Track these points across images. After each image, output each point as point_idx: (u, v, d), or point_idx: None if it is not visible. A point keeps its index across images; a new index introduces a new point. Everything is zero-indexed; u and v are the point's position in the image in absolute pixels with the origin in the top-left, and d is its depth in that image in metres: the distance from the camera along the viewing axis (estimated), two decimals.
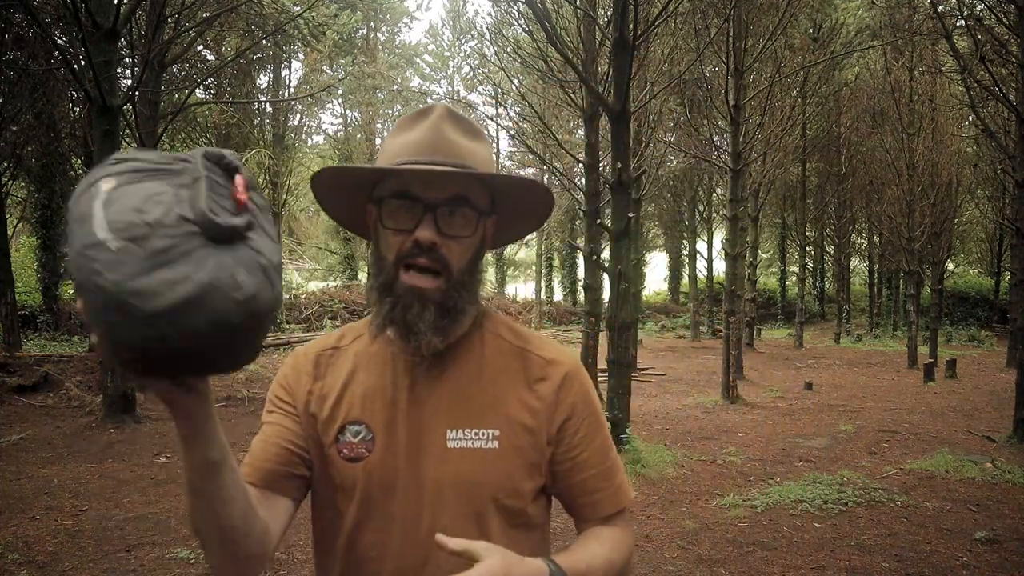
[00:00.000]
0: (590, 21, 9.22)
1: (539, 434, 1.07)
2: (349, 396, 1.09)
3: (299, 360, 1.16)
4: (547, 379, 1.09)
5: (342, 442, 1.06)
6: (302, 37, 18.39)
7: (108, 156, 0.80)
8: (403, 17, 33.81)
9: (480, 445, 1.04)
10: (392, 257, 1.03)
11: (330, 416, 1.09)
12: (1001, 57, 9.15)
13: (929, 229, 14.76)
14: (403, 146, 1.04)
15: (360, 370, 1.11)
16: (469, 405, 1.06)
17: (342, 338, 1.19)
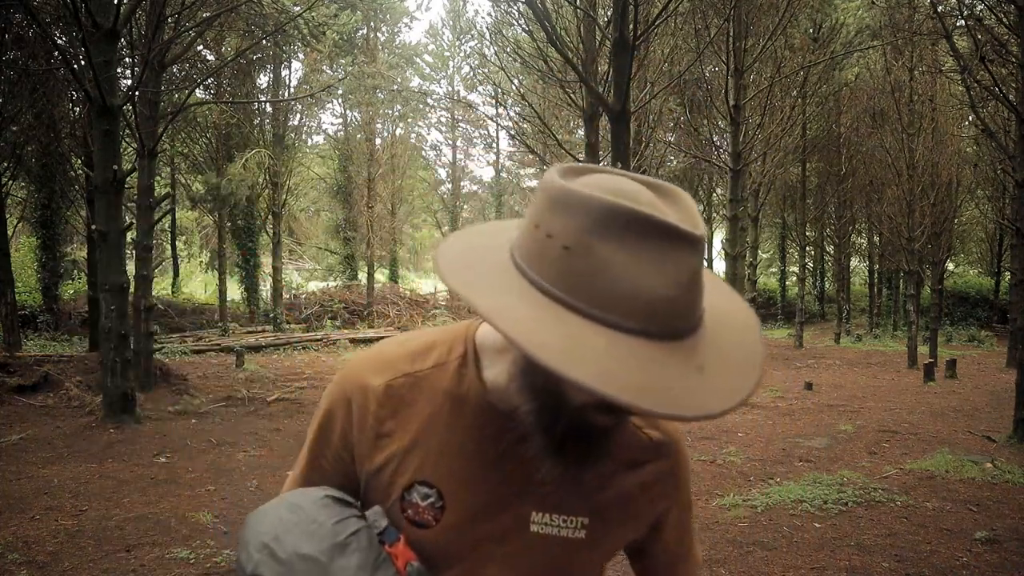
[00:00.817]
0: (590, 21, 9.23)
1: (628, 527, 0.94)
2: (423, 448, 0.89)
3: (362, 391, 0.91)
4: (651, 463, 0.93)
5: (408, 501, 0.89)
6: (302, 37, 18.38)
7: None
8: (403, 17, 33.80)
9: (566, 534, 0.89)
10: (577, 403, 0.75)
11: (398, 469, 0.89)
12: (1001, 57, 9.15)
13: (929, 229, 14.76)
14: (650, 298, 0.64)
15: (439, 416, 0.89)
16: (561, 485, 0.87)
17: (420, 359, 0.92)
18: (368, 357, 0.95)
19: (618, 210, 0.64)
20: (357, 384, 0.92)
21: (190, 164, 20.87)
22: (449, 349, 0.92)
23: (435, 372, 0.91)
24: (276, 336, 18.73)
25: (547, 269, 0.66)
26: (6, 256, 13.37)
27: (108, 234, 7.66)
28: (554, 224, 0.67)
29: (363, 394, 0.91)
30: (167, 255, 27.38)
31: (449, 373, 0.90)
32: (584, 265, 0.64)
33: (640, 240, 0.63)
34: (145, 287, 9.80)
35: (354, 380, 0.93)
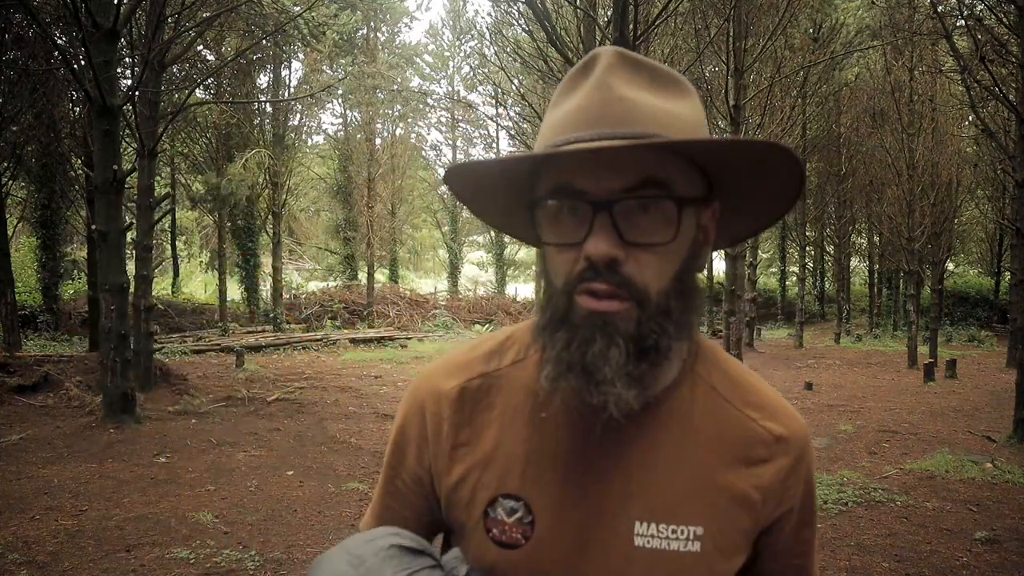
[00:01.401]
0: (590, 21, 9.22)
1: (751, 533, 0.80)
2: (505, 456, 0.79)
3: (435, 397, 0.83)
4: (771, 461, 0.80)
5: (492, 518, 0.78)
6: (302, 37, 18.38)
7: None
8: (403, 17, 33.81)
9: (678, 547, 0.76)
10: (560, 283, 0.73)
11: (479, 482, 0.79)
12: (1001, 57, 9.15)
13: (929, 229, 14.76)
14: (561, 119, 0.73)
15: (521, 418, 0.80)
16: (669, 490, 0.77)
17: (496, 356, 0.84)
18: (440, 362, 0.87)
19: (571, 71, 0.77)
20: (429, 391, 0.84)
21: (190, 164, 20.88)
22: (526, 344, 0.83)
23: (513, 370, 0.82)
24: (276, 336, 18.73)
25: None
26: (6, 256, 13.37)
27: (108, 234, 7.66)
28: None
29: (436, 401, 0.83)
30: (167, 255, 27.39)
31: (529, 369, 0.80)
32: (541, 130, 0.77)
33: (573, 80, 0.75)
34: (145, 287, 9.80)
35: (426, 387, 0.85)
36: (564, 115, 0.72)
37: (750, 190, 0.79)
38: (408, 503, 0.87)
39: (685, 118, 0.74)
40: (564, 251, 0.72)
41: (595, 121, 0.70)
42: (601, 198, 0.69)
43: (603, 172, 0.69)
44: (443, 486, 0.82)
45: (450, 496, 0.82)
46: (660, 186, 0.70)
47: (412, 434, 0.85)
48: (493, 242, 33.45)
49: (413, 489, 0.86)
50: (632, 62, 0.73)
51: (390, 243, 27.13)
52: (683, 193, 0.72)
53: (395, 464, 0.88)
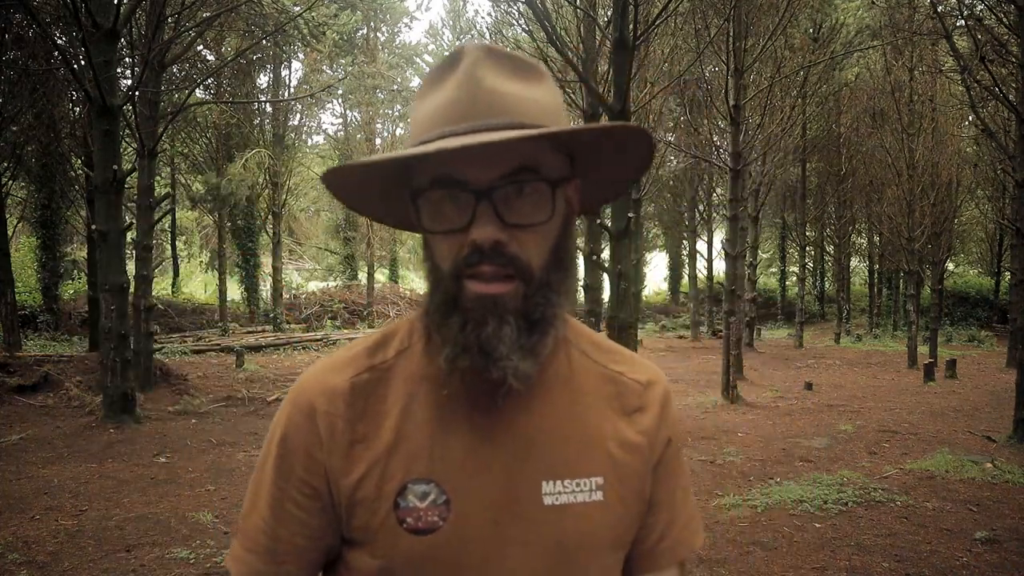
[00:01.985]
0: (590, 21, 9.23)
1: (644, 478, 0.86)
2: (408, 443, 0.79)
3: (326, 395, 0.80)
4: (646, 408, 0.87)
5: (404, 508, 0.77)
6: (302, 37, 18.39)
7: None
8: (403, 17, 33.80)
9: (584, 499, 0.80)
10: (448, 267, 0.76)
11: (384, 474, 0.78)
12: (1001, 57, 9.15)
13: (929, 229, 14.77)
14: (432, 113, 0.76)
15: (417, 404, 0.80)
16: (567, 448, 0.81)
17: (381, 350, 0.84)
18: (322, 363, 0.84)
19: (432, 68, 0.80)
20: (318, 390, 0.81)
21: (190, 164, 20.89)
22: (409, 333, 0.85)
23: (400, 360, 0.83)
24: (276, 336, 18.73)
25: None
26: (6, 256, 13.37)
27: (108, 234, 7.66)
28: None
29: (327, 398, 0.80)
30: (167, 255, 27.39)
31: (416, 356, 0.82)
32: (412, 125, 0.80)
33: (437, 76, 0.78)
34: (145, 287, 9.80)
35: (313, 387, 0.81)
36: (436, 108, 0.76)
37: (609, 164, 0.86)
38: (303, 526, 0.81)
39: (546, 103, 0.79)
40: (449, 237, 0.76)
41: (467, 114, 0.74)
42: (481, 186, 0.73)
43: (480, 162, 0.74)
44: (343, 488, 0.78)
45: (353, 497, 0.78)
46: (533, 171, 0.75)
47: (299, 441, 0.80)
48: None
49: (308, 506, 0.80)
50: (496, 53, 0.78)
51: (390, 243, 27.13)
52: (553, 175, 0.77)
53: (281, 483, 0.81)
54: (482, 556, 0.78)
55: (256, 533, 0.82)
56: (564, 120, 0.82)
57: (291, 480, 0.80)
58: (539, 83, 0.79)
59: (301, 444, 0.80)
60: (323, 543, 0.82)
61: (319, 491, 0.80)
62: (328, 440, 0.79)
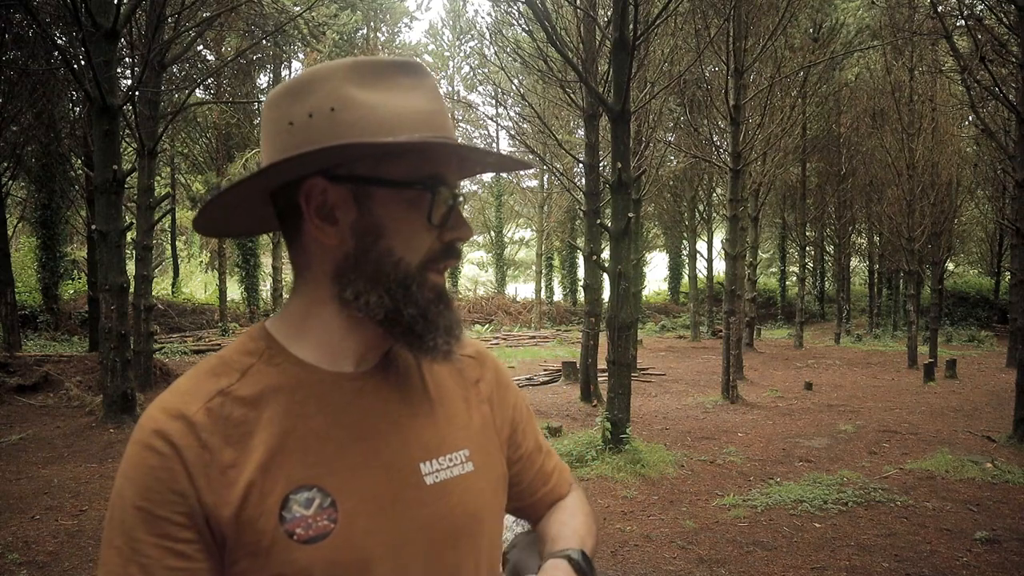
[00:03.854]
0: (590, 21, 9.23)
1: (499, 443, 0.94)
2: (282, 456, 0.75)
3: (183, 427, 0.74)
4: (482, 379, 0.96)
5: (291, 520, 0.73)
6: (302, 37, 18.40)
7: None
8: (403, 17, 33.82)
9: (459, 472, 0.84)
10: (417, 260, 0.80)
11: (263, 491, 0.74)
12: (1001, 57, 9.15)
13: (929, 229, 14.77)
14: (410, 115, 0.78)
15: (281, 413, 0.77)
16: (434, 427, 0.85)
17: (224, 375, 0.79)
18: (163, 400, 0.77)
19: (362, 63, 0.79)
20: (172, 427, 0.74)
21: (190, 164, 20.89)
22: (247, 353, 0.81)
23: (246, 380, 0.79)
24: None
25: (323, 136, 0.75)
26: (6, 256, 13.38)
27: (108, 234, 7.66)
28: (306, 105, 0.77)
29: (187, 431, 0.73)
30: (167, 255, 27.39)
31: (263, 373, 0.79)
32: (354, 113, 0.76)
33: (389, 79, 0.79)
34: (145, 287, 9.80)
35: (164, 426, 0.74)
36: (414, 112, 0.79)
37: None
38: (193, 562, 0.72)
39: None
40: (428, 231, 0.81)
41: (445, 126, 0.81)
42: (457, 190, 0.82)
43: (462, 171, 0.86)
44: (224, 519, 0.72)
45: (236, 525, 0.73)
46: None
47: (164, 486, 0.72)
48: (493, 242, 33.46)
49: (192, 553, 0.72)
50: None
51: None
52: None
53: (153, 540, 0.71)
54: (381, 548, 0.77)
55: None
56: None
57: (166, 531, 0.72)
58: None
59: (167, 488, 0.72)
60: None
61: (200, 532, 0.73)
62: (198, 474, 0.72)
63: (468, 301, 28.51)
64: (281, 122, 0.78)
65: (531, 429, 1.03)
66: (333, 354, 0.82)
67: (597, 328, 10.25)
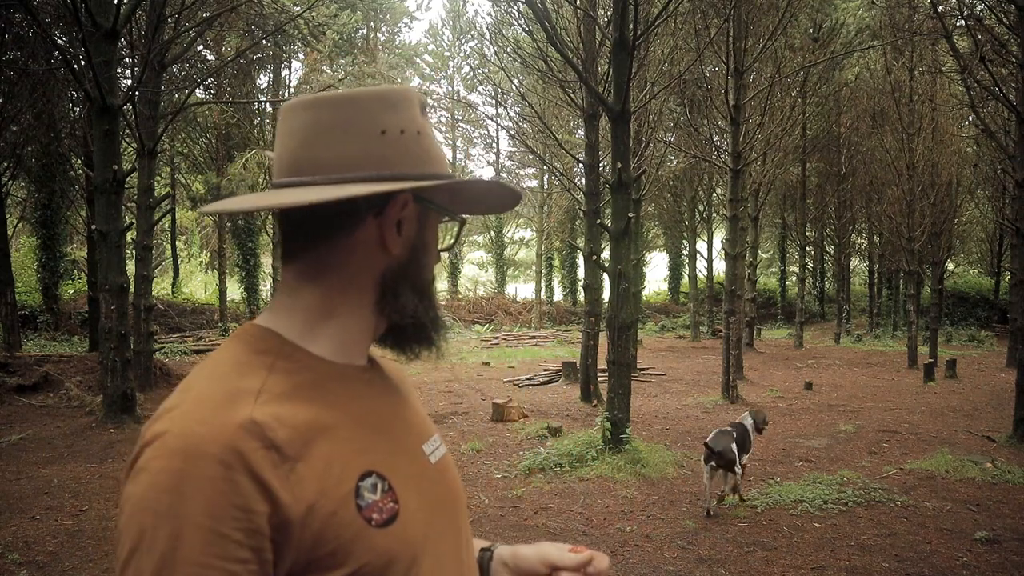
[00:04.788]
0: (590, 21, 9.23)
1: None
2: (337, 444, 0.76)
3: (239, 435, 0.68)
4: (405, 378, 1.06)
5: (366, 507, 0.75)
6: (302, 37, 18.41)
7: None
8: (403, 17, 33.83)
9: (443, 451, 0.95)
10: (430, 277, 0.93)
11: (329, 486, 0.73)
12: (1001, 57, 9.15)
13: (929, 229, 14.77)
14: (440, 155, 0.89)
15: (322, 405, 0.78)
16: (418, 416, 0.95)
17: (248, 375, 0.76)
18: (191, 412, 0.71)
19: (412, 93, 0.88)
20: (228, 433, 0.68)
21: (190, 164, 20.89)
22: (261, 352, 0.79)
23: (275, 377, 0.77)
24: None
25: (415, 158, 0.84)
26: (6, 256, 13.38)
27: (108, 234, 7.66)
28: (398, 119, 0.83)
29: (246, 434, 0.69)
30: (167, 255, 27.38)
31: (288, 370, 0.78)
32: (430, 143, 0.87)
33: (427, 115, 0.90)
34: (145, 287, 9.80)
35: (219, 434, 0.68)
36: (440, 153, 0.89)
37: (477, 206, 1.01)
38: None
39: None
40: (438, 253, 0.93)
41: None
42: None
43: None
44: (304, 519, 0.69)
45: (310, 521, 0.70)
46: None
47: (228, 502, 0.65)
48: (493, 242, 33.46)
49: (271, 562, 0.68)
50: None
51: None
52: None
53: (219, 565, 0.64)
54: (432, 523, 0.84)
55: None
56: None
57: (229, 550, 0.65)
58: None
59: (232, 504, 0.65)
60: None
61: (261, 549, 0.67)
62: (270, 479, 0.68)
63: (468, 301, 28.49)
64: (371, 126, 0.82)
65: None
66: (346, 350, 0.85)
67: (597, 328, 10.25)
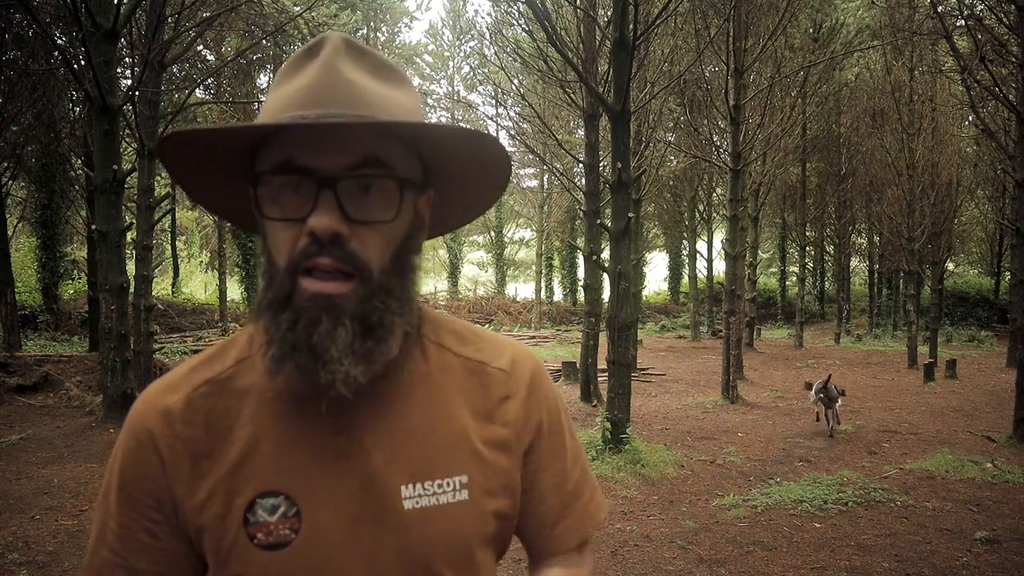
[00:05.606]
0: (590, 21, 9.23)
1: (511, 468, 0.83)
2: (255, 456, 0.75)
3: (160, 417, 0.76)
4: (511, 396, 0.85)
5: (254, 524, 0.73)
6: (302, 37, 18.39)
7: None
8: (403, 17, 33.86)
9: (447, 500, 0.78)
10: (284, 260, 0.72)
11: (231, 490, 0.74)
12: (1001, 57, 9.15)
13: (929, 229, 14.77)
14: (285, 98, 0.73)
15: (264, 414, 0.76)
16: (427, 448, 0.78)
17: (218, 361, 0.80)
18: (155, 385, 0.80)
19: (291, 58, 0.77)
20: (152, 414, 0.77)
21: None
22: (248, 341, 0.80)
23: (240, 369, 0.78)
24: None
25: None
26: (6, 256, 13.37)
27: (108, 234, 7.66)
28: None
29: (163, 420, 0.76)
30: (167, 255, 27.38)
31: (258, 365, 0.77)
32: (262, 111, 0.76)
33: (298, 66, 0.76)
34: (145, 287, 9.79)
35: (147, 411, 0.77)
36: (290, 93, 0.73)
37: (462, 181, 0.83)
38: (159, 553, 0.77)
39: (405, 104, 0.76)
40: (287, 227, 0.72)
41: (322, 101, 0.71)
42: (325, 175, 0.70)
43: (327, 150, 0.71)
44: (190, 511, 0.75)
45: (200, 519, 0.75)
46: (382, 166, 0.72)
47: (138, 470, 0.76)
48: (493, 242, 33.46)
49: (159, 532, 0.77)
50: (358, 49, 0.76)
51: None
52: (404, 174, 0.75)
53: (128, 513, 0.77)
54: (338, 567, 0.74)
55: (107, 568, 0.78)
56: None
57: (137, 509, 0.77)
58: (399, 86, 0.78)
59: (141, 473, 0.76)
60: (187, 565, 0.78)
61: (168, 516, 0.76)
62: (170, 464, 0.75)
63: (468, 301, 28.49)
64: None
65: (556, 461, 0.88)
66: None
67: (597, 328, 10.25)
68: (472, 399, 0.83)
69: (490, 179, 0.84)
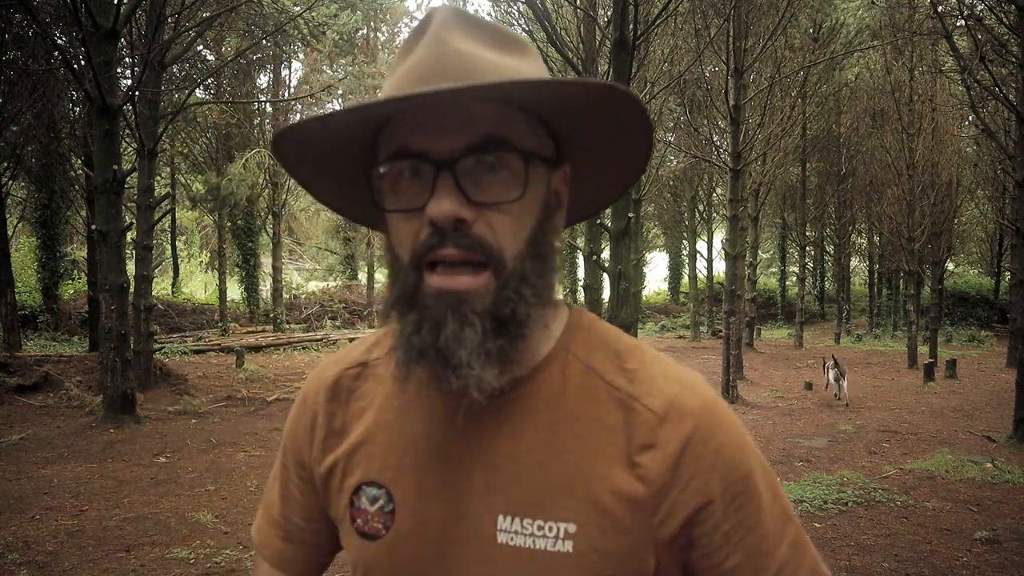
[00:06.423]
0: (590, 21, 9.23)
1: (638, 535, 0.67)
2: (372, 444, 0.75)
3: (316, 388, 0.81)
4: (657, 447, 0.67)
5: (357, 508, 0.74)
6: (302, 37, 18.40)
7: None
8: (403, 17, 33.81)
9: (545, 545, 0.66)
10: (407, 255, 0.66)
11: (345, 470, 0.76)
12: (1001, 57, 9.15)
13: (929, 229, 14.77)
14: (395, 82, 0.68)
15: (390, 405, 0.75)
16: (536, 483, 0.68)
17: (378, 346, 0.80)
18: (333, 355, 0.85)
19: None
20: (316, 379, 0.83)
21: (190, 164, 20.89)
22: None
23: (385, 360, 0.76)
24: (276, 336, 18.74)
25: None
26: (6, 256, 13.38)
27: (108, 234, 7.66)
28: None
29: (316, 391, 0.81)
30: (167, 255, 27.37)
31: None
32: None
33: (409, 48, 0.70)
34: (145, 287, 9.80)
35: (313, 378, 0.83)
36: (400, 75, 0.67)
37: (601, 151, 0.74)
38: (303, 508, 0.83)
39: (527, 73, 0.68)
40: (408, 219, 0.66)
41: (429, 77, 0.64)
42: (443, 157, 0.64)
43: (442, 130, 0.64)
44: (318, 478, 0.80)
45: (323, 489, 0.79)
46: (503, 143, 0.65)
47: (294, 429, 0.83)
48: None
49: (305, 489, 0.83)
50: (469, 19, 0.70)
51: None
52: (530, 148, 0.67)
53: (286, 465, 0.85)
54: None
55: (271, 508, 0.86)
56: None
57: (290, 465, 0.84)
58: (522, 55, 0.70)
59: (295, 432, 0.83)
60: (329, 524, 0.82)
61: (310, 477, 0.81)
62: (316, 430, 0.80)
63: None
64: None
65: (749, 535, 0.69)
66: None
67: None
68: (607, 437, 0.69)
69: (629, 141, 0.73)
